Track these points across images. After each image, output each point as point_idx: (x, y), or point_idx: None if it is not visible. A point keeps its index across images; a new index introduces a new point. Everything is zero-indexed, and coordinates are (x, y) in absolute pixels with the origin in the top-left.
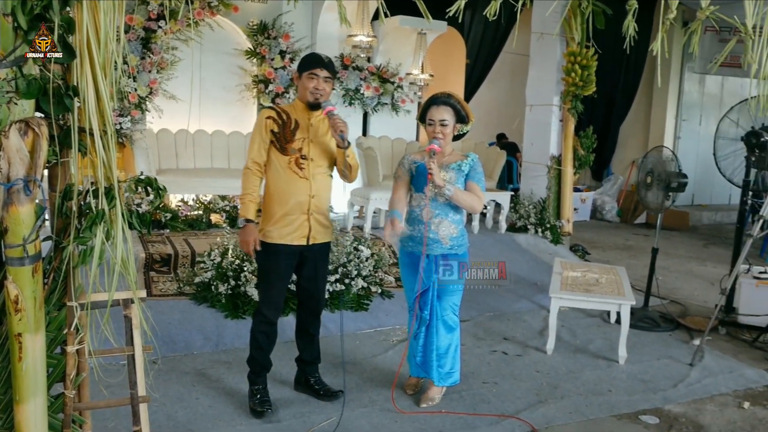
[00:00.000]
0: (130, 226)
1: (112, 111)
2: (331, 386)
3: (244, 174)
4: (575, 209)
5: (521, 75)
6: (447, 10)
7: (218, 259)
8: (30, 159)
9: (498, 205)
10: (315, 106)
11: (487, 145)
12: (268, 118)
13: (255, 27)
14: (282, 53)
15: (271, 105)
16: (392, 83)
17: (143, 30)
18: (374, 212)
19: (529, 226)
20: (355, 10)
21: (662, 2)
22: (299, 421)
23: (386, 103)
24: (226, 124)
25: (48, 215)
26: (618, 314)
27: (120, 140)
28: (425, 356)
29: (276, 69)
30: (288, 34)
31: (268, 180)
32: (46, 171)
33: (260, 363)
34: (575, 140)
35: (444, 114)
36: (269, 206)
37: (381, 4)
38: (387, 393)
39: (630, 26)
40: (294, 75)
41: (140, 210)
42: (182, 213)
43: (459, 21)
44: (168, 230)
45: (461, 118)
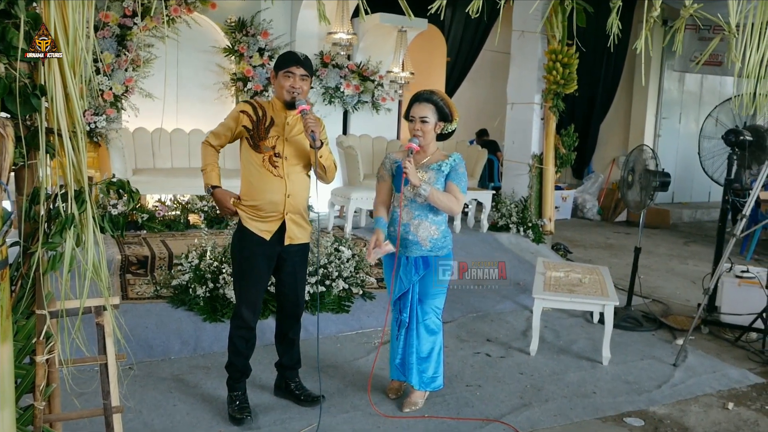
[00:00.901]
0: (102, 230)
1: (83, 111)
2: (312, 391)
3: (202, 147)
4: (556, 208)
5: (501, 73)
6: (429, 7)
7: (196, 261)
8: None
9: (479, 204)
10: (292, 105)
11: (468, 144)
12: (243, 112)
13: (233, 24)
14: (261, 51)
15: (249, 100)
16: (372, 81)
17: (118, 27)
18: (355, 212)
19: (511, 225)
20: (335, 8)
21: (645, 0)
22: (279, 428)
23: (366, 102)
24: (204, 123)
25: (15, 220)
26: (601, 314)
27: (95, 139)
28: (404, 359)
29: (255, 67)
30: (267, 32)
31: (243, 175)
32: (13, 174)
33: (239, 369)
34: (557, 139)
35: (425, 111)
36: (245, 198)
37: (362, 2)
38: (368, 397)
39: (614, 24)
40: (271, 74)
41: (116, 211)
42: (159, 213)
43: (441, 18)
44: (145, 231)
45: (444, 116)
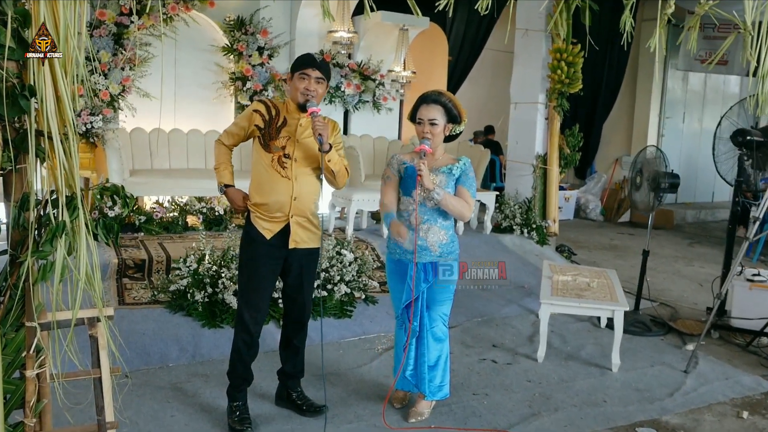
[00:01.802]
0: (95, 237)
1: (78, 111)
2: (315, 401)
3: (215, 146)
4: (559, 208)
5: (502, 72)
6: (437, 4)
7: (194, 266)
8: None
9: (483, 205)
10: (305, 108)
11: (469, 143)
12: (256, 111)
13: (232, 22)
14: (260, 50)
15: (263, 99)
16: (373, 80)
17: (115, 25)
18: (356, 214)
19: (515, 227)
20: (336, 6)
21: None
22: None
23: (367, 101)
24: (203, 123)
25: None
26: (608, 318)
27: (92, 140)
28: (417, 369)
29: (254, 66)
30: (266, 30)
31: (253, 173)
32: (1, 179)
33: (241, 375)
34: (561, 139)
35: (434, 113)
36: (253, 195)
37: (367, 0)
38: (373, 407)
39: (627, 22)
40: (287, 75)
41: (111, 214)
42: (157, 215)
43: (449, 15)
44: (142, 234)
45: (453, 118)
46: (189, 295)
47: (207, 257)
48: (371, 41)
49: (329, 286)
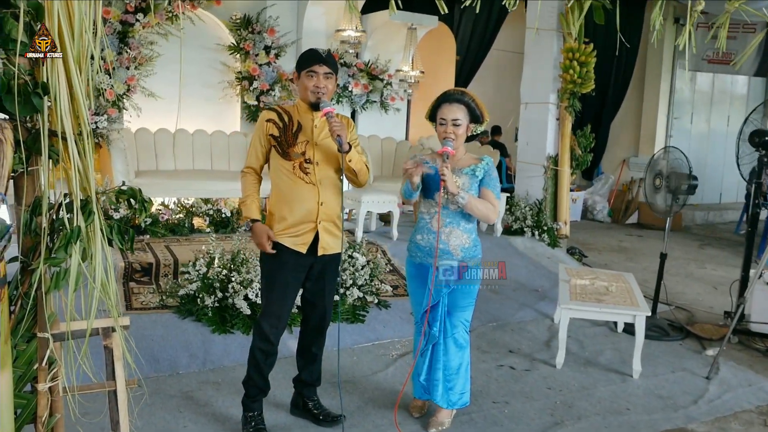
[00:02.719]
0: (110, 243)
1: (88, 111)
2: (331, 410)
3: (241, 177)
4: None
5: (508, 72)
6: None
7: (204, 269)
8: None
9: None
10: (318, 106)
11: (478, 145)
12: (269, 121)
13: (238, 21)
14: (267, 49)
15: (271, 106)
16: (381, 80)
17: (120, 23)
18: (366, 216)
19: (525, 229)
20: (344, 4)
21: None
22: None
23: (375, 101)
24: (209, 123)
25: (14, 233)
26: (625, 323)
27: (96, 140)
28: (430, 376)
29: (260, 65)
30: (273, 29)
31: (274, 187)
32: (12, 182)
33: (257, 385)
34: (572, 140)
35: (457, 112)
36: (277, 210)
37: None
38: (391, 416)
39: (657, 20)
40: (293, 74)
41: (117, 215)
42: (163, 217)
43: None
44: (148, 236)
45: (475, 118)
46: (199, 300)
47: (216, 261)
48: (379, 40)
49: (341, 290)
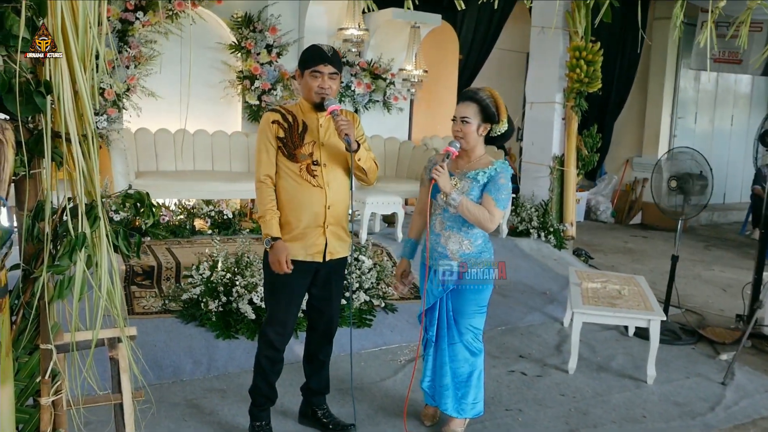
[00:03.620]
0: (115, 249)
1: (95, 111)
2: (341, 418)
3: (258, 189)
4: None
5: (510, 72)
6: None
7: (207, 273)
8: None
9: None
10: (322, 106)
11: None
12: (274, 123)
13: (239, 19)
14: (268, 47)
15: (274, 107)
16: (384, 79)
17: (119, 22)
18: (370, 217)
19: (531, 230)
20: (346, 3)
21: None
22: None
23: (378, 101)
24: (210, 123)
25: (15, 239)
26: (636, 327)
27: None
28: (435, 383)
29: (262, 64)
30: (275, 27)
31: (280, 190)
32: (13, 186)
33: (264, 394)
34: (578, 140)
35: (467, 111)
36: (282, 215)
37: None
38: (402, 425)
39: (678, 17)
40: (296, 72)
41: (117, 217)
42: (164, 219)
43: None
44: (149, 238)
45: (490, 117)
46: (202, 305)
47: (220, 264)
48: (382, 39)
49: (348, 294)
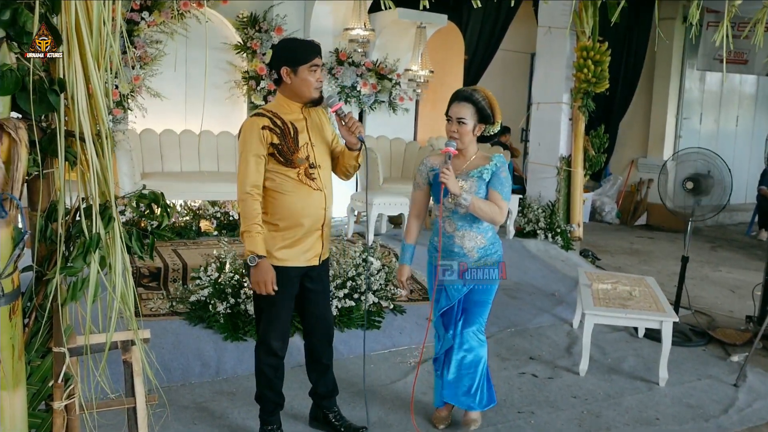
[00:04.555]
0: (128, 250)
1: (109, 109)
2: (353, 421)
3: (243, 201)
4: None
5: (514, 72)
6: None
7: (215, 275)
8: (5, 171)
9: None
10: (317, 102)
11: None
12: (264, 128)
13: (245, 20)
14: (274, 48)
15: (258, 112)
16: (390, 80)
17: (125, 21)
18: (376, 219)
19: (538, 231)
20: (352, 3)
21: None
22: None
23: (383, 101)
24: (215, 124)
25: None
26: (646, 328)
27: None
28: (446, 380)
29: (268, 65)
30: (280, 27)
31: (276, 198)
32: (26, 186)
33: (272, 400)
34: (586, 140)
35: (463, 111)
36: (278, 227)
37: None
38: (413, 427)
39: (695, 16)
40: (284, 70)
41: (123, 218)
42: (169, 220)
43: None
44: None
45: (485, 118)
46: (210, 306)
47: (228, 265)
48: (387, 39)
49: (355, 296)
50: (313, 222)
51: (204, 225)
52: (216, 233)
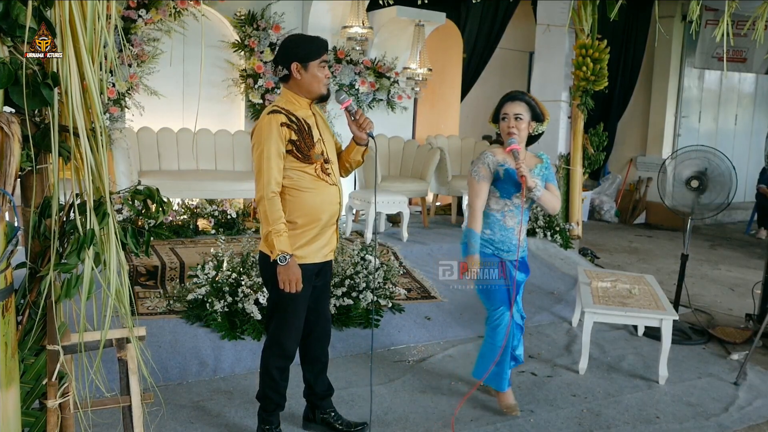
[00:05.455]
0: (123, 247)
1: (104, 104)
2: (351, 419)
3: (270, 200)
4: None
5: (511, 71)
6: None
7: (212, 273)
8: None
9: None
10: (323, 98)
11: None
12: (283, 125)
13: (243, 17)
14: (272, 46)
15: (274, 108)
16: (388, 78)
17: (121, 19)
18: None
19: (537, 230)
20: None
21: None
22: None
23: (382, 100)
24: (212, 122)
25: (22, 237)
26: (645, 327)
27: None
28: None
29: (265, 63)
30: (278, 25)
31: (293, 195)
32: (19, 181)
33: (275, 401)
34: (585, 138)
35: (517, 108)
36: (297, 225)
37: None
38: (413, 427)
39: (695, 12)
40: (294, 66)
41: (121, 217)
42: (167, 219)
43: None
44: (152, 237)
45: (536, 116)
46: (208, 305)
47: (225, 264)
48: (386, 37)
49: (354, 294)
50: (330, 216)
51: (201, 223)
52: (213, 232)
